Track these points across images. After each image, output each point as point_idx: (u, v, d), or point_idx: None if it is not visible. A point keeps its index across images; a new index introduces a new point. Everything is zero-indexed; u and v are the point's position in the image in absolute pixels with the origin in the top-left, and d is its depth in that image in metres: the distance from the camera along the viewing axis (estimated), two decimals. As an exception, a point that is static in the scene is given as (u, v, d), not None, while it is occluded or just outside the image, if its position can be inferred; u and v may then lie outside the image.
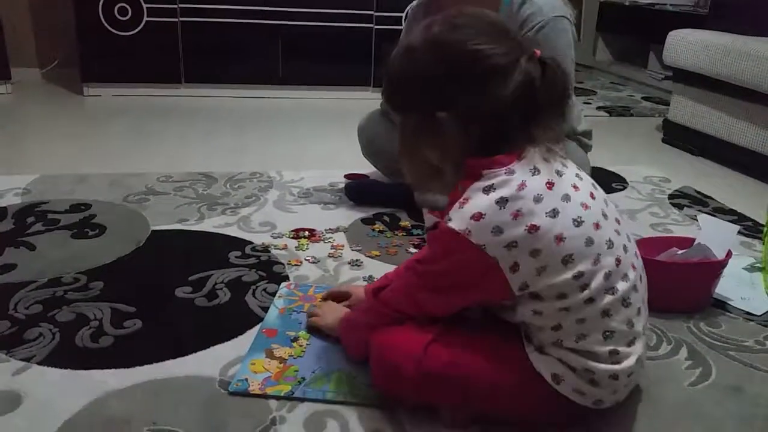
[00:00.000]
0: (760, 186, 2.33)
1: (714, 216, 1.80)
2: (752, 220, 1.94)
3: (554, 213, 0.87)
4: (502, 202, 0.86)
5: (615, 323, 0.91)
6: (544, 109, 0.90)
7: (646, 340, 0.99)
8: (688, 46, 2.61)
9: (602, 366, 0.91)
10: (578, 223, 0.88)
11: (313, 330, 1.21)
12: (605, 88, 4.14)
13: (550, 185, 0.89)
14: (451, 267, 0.92)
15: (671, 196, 2.13)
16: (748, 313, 1.38)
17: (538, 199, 0.87)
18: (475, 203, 0.87)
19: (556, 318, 0.90)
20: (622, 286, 0.91)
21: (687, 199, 2.11)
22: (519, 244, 0.86)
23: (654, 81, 4.13)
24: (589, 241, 0.88)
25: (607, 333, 0.91)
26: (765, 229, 1.60)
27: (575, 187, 0.91)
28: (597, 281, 0.89)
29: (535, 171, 0.89)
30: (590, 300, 0.89)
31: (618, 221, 0.95)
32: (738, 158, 2.47)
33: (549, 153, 0.91)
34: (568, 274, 0.87)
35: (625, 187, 2.19)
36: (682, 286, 1.34)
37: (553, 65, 0.90)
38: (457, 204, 0.89)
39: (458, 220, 0.88)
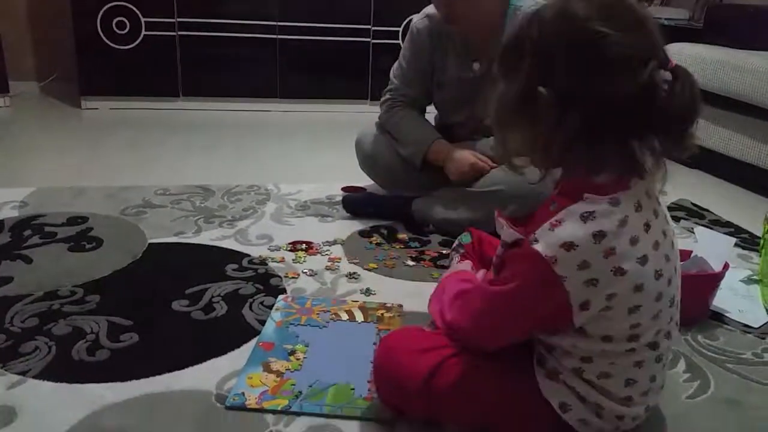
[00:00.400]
0: (756, 198, 2.34)
1: (711, 228, 1.80)
2: (749, 232, 1.94)
3: (644, 261, 0.81)
4: (600, 236, 0.79)
5: (641, 375, 0.89)
6: (662, 130, 0.80)
7: (660, 391, 0.97)
8: (684, 60, 2.62)
9: (613, 405, 0.90)
10: (658, 276, 0.83)
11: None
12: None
13: (647, 227, 0.82)
14: (524, 292, 0.85)
15: (668, 209, 2.12)
16: (746, 326, 1.38)
17: (634, 242, 0.80)
18: (569, 230, 0.79)
19: (591, 354, 0.87)
20: (663, 344, 0.89)
21: (684, 212, 2.11)
22: (599, 284, 0.80)
23: (650, 94, 4.14)
24: (659, 296, 0.84)
25: (630, 381, 0.89)
26: (761, 241, 1.61)
27: (664, 233, 0.86)
28: (647, 337, 0.86)
29: (639, 207, 0.82)
30: (632, 350, 0.87)
31: (676, 270, 0.90)
32: (734, 171, 2.48)
33: (652, 187, 0.83)
34: (627, 324, 0.84)
35: (621, 200, 2.19)
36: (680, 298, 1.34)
37: (689, 79, 0.80)
38: (547, 224, 0.81)
39: (546, 244, 0.80)
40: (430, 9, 1.77)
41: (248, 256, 1.61)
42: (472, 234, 1.36)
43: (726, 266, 1.37)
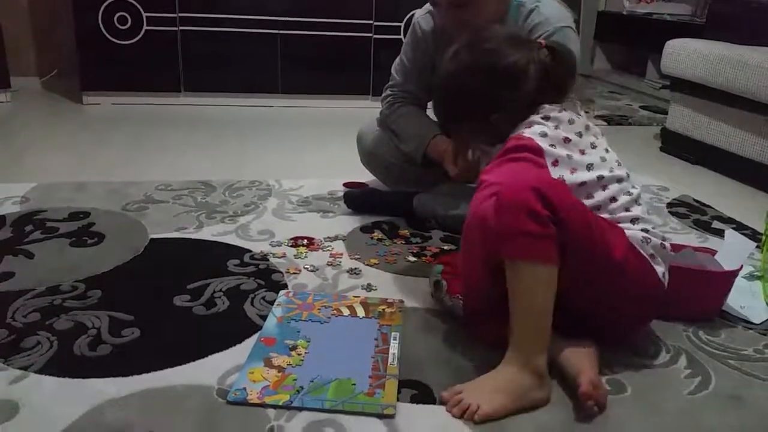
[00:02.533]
0: (758, 194, 2.33)
1: (735, 230, 1.80)
2: (751, 228, 1.94)
3: (579, 134, 1.18)
4: (545, 118, 1.17)
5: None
6: (559, 82, 1.22)
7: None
8: (686, 55, 2.62)
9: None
10: (594, 146, 1.19)
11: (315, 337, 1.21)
12: (603, 97, 4.15)
13: (571, 122, 1.19)
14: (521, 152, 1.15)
15: (670, 205, 2.13)
16: (747, 322, 1.38)
17: (570, 122, 1.18)
18: (527, 130, 1.17)
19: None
20: (633, 191, 1.20)
21: (686, 208, 2.11)
22: (557, 146, 1.15)
23: (652, 90, 4.14)
24: (602, 158, 1.18)
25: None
26: (763, 237, 1.60)
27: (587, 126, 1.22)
28: (615, 185, 1.16)
29: (561, 110, 1.20)
30: (613, 199, 1.15)
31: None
32: (736, 167, 2.48)
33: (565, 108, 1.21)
34: (593, 175, 1.14)
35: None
36: (699, 293, 1.36)
37: (559, 48, 1.23)
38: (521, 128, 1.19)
39: (518, 135, 1.17)
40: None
41: (250, 251, 1.61)
42: (442, 262, 1.42)
43: (740, 266, 1.38)
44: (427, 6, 1.80)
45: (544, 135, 1.15)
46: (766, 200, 2.26)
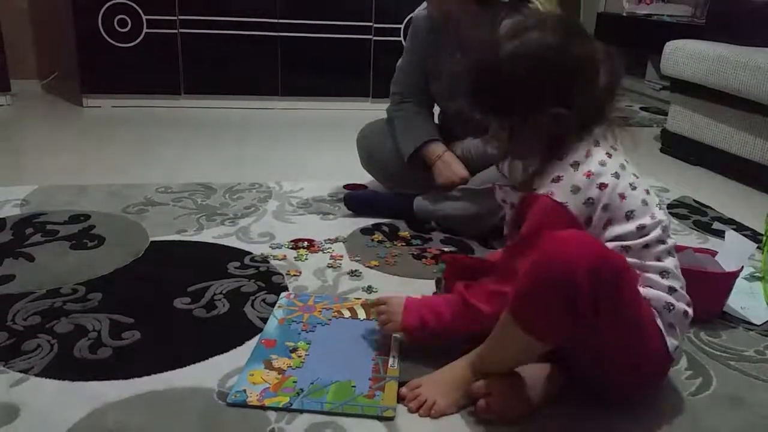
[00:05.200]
0: (758, 195, 2.33)
1: (735, 231, 1.80)
2: (751, 229, 1.94)
3: (617, 175, 1.01)
4: (575, 165, 1.01)
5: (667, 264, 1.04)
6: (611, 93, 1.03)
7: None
8: (686, 56, 2.62)
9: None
10: (633, 187, 1.02)
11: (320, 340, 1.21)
12: (603, 98, 4.14)
13: (609, 155, 1.03)
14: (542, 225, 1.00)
15: (670, 206, 2.13)
16: (748, 323, 1.38)
17: (603, 164, 1.01)
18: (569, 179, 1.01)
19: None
20: (669, 241, 1.05)
21: (686, 209, 2.11)
22: (594, 202, 1.00)
23: (652, 91, 4.14)
24: (644, 202, 1.02)
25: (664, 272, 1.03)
26: (764, 238, 1.60)
27: (623, 165, 1.05)
28: (655, 233, 1.01)
29: (596, 143, 1.03)
30: (646, 246, 1.01)
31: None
32: (736, 167, 2.48)
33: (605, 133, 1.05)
34: (632, 226, 1.00)
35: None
36: (700, 294, 1.35)
37: (614, 55, 1.03)
38: (548, 180, 1.02)
39: (543, 188, 1.02)
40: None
41: (250, 253, 1.61)
42: (446, 261, 1.33)
43: (741, 267, 1.38)
44: (425, 3, 1.81)
45: (576, 188, 1.00)
46: (766, 201, 2.26)
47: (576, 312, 0.90)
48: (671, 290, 1.02)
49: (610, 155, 1.03)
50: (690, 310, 1.05)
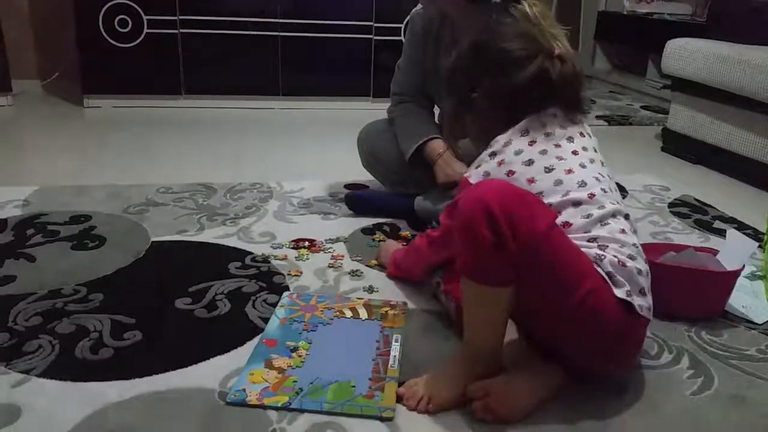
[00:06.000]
0: (759, 194, 2.33)
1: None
2: (752, 228, 1.94)
3: (530, 162, 1.12)
4: (492, 154, 1.16)
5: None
6: (558, 93, 1.15)
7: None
8: (687, 54, 2.62)
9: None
10: (549, 170, 1.11)
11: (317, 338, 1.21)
12: (604, 97, 4.15)
13: (532, 143, 1.14)
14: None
15: (671, 205, 2.13)
16: (750, 322, 1.38)
17: (518, 152, 1.13)
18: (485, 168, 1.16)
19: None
20: (596, 212, 1.06)
21: (687, 208, 2.11)
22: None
23: (653, 90, 4.14)
24: (558, 182, 1.09)
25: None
26: (765, 237, 1.60)
27: (573, 152, 1.13)
28: (570, 209, 1.07)
29: (524, 132, 1.15)
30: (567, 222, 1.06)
31: (602, 175, 1.13)
32: (737, 166, 2.48)
33: (551, 125, 1.15)
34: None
35: (625, 196, 2.19)
36: (701, 293, 1.36)
37: (569, 60, 1.16)
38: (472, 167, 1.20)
39: (468, 171, 1.20)
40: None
41: (251, 253, 1.61)
42: (442, 267, 1.37)
43: (742, 266, 1.38)
44: (423, 1, 1.81)
45: (486, 174, 1.14)
46: (767, 200, 2.26)
47: (504, 247, 0.94)
48: (602, 247, 1.03)
49: (533, 143, 1.14)
50: (630, 263, 1.02)
